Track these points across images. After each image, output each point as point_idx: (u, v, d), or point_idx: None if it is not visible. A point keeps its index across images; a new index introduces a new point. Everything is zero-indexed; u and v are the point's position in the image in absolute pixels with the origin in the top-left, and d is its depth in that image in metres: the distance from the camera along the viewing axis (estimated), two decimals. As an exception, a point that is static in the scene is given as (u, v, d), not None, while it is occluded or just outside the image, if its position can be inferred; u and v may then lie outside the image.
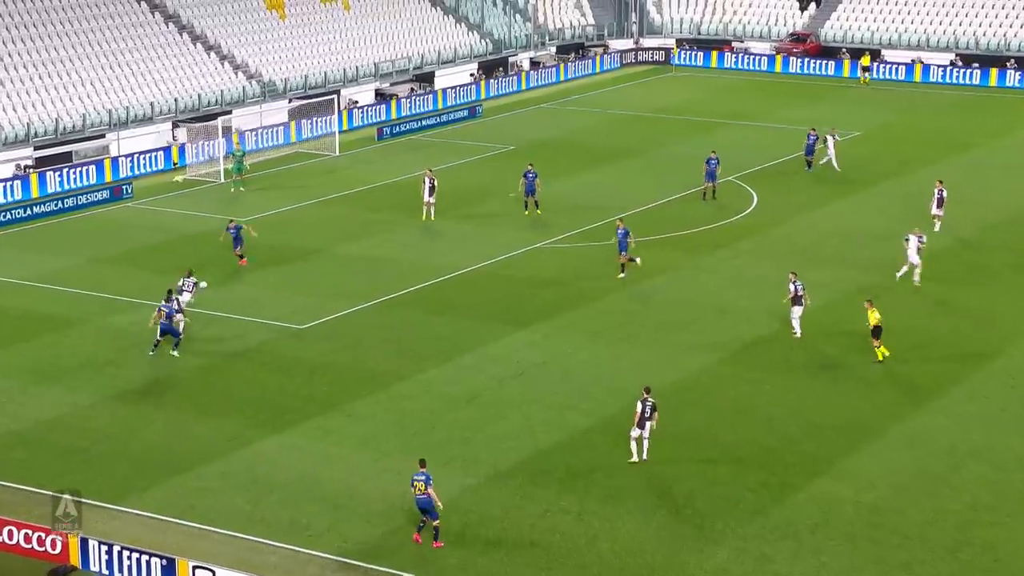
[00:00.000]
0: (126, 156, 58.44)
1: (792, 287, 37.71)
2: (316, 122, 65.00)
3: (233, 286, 43.04)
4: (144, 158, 58.75)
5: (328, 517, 28.11)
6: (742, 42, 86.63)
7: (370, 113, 69.04)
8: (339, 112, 65.58)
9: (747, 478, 29.81)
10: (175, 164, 59.45)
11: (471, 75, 77.95)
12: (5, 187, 53.96)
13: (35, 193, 54.43)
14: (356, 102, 70.53)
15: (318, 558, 26.57)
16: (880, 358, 36.00)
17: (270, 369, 36.11)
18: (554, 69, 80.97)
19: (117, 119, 61.04)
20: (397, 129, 66.58)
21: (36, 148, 57.79)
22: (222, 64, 68.27)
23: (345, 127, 66.12)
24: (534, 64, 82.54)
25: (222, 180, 56.87)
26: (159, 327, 36.63)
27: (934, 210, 48.21)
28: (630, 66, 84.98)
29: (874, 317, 36.11)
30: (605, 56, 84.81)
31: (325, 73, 70.91)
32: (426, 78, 75.76)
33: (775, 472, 30.16)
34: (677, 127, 67.21)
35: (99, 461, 30.79)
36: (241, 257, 44.60)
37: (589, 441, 31.77)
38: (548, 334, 38.70)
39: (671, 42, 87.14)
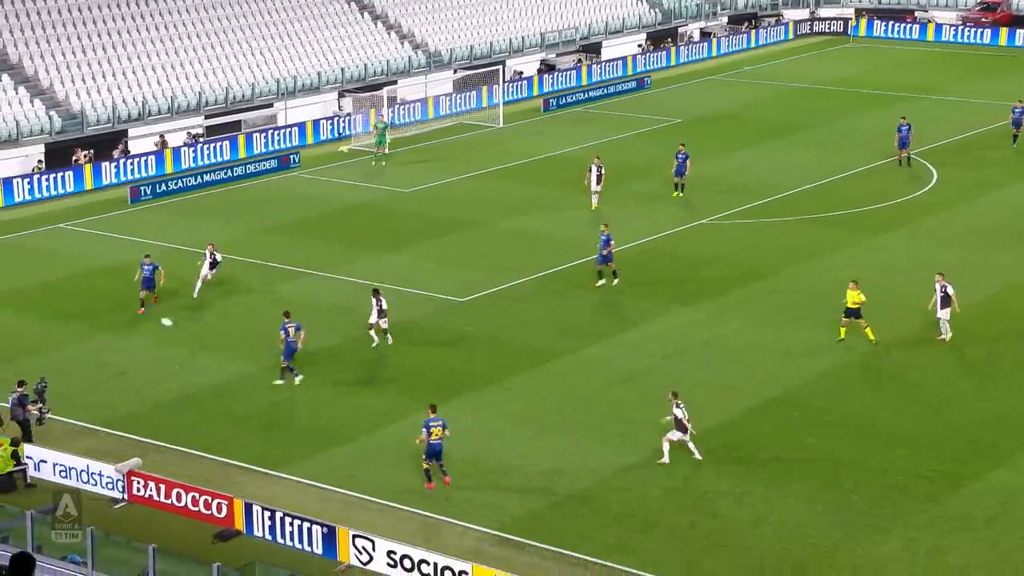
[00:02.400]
0: (293, 126, 59.79)
1: (938, 288, 35.54)
2: (481, 93, 65.49)
3: (392, 257, 43.75)
4: (311, 127, 60.00)
5: (486, 492, 28.50)
6: (926, 11, 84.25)
7: (535, 84, 69.28)
8: (504, 83, 65.98)
9: (920, 465, 29.25)
10: (341, 134, 60.60)
11: (639, 45, 77.53)
12: (175, 154, 55.75)
13: (207, 160, 56.10)
14: (521, 73, 70.82)
15: (475, 531, 26.98)
16: (842, 336, 35.22)
17: (428, 342, 36.65)
18: (726, 39, 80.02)
19: (285, 88, 62.47)
20: (563, 100, 66.67)
21: (207, 117, 59.54)
22: (388, 34, 69.25)
23: (510, 98, 66.55)
24: (704, 34, 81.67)
25: (387, 150, 57.77)
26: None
27: None
28: (805, 36, 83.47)
29: (854, 298, 35.04)
30: (779, 26, 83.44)
31: (490, 43, 71.35)
32: (593, 48, 75.65)
33: (949, 460, 29.53)
34: (853, 101, 65.89)
35: (263, 428, 31.77)
36: (142, 304, 38.25)
37: (751, 423, 31.53)
38: (711, 313, 38.46)
39: (849, 12, 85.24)
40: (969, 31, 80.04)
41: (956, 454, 29.88)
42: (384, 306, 35.68)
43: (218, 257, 39.93)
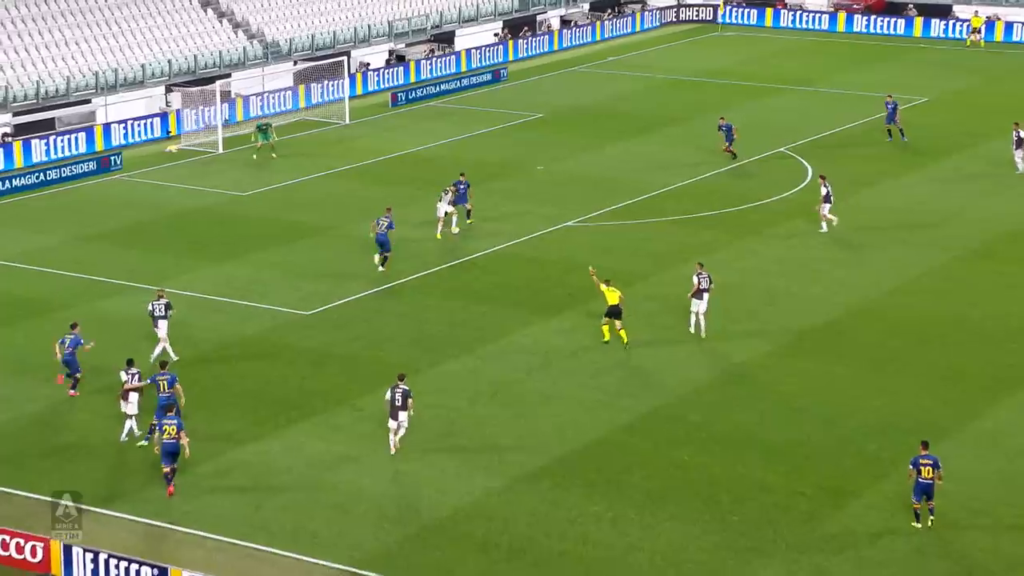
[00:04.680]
0: (114, 123, 58.72)
1: (696, 279, 37.33)
2: (324, 87, 65.17)
3: (232, 268, 43.26)
4: (134, 126, 59.04)
5: (337, 523, 28.32)
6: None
7: (384, 77, 69.16)
8: (349, 76, 65.69)
9: (800, 481, 29.87)
10: (168, 133, 59.73)
11: (495, 35, 77.95)
12: (-18, 158, 54.35)
13: (19, 163, 54.77)
14: (368, 64, 70.65)
15: (325, 568, 26.78)
16: (607, 338, 36.75)
17: (272, 360, 36.33)
18: (588, 28, 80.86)
19: (104, 83, 61.36)
20: (414, 94, 66.68)
21: (15, 114, 58.13)
22: (220, 22, 68.50)
23: (357, 92, 66.23)
24: (565, 22, 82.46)
25: (220, 150, 57.07)
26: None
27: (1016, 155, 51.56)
28: (672, 25, 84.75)
29: (613, 298, 36.46)
30: (644, 14, 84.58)
31: (334, 32, 71.05)
32: (445, 38, 75.83)
33: (831, 475, 30.21)
34: (725, 93, 67.07)
35: (85, 461, 31.06)
36: (71, 378, 34.48)
37: (623, 441, 31.86)
38: (579, 323, 38.79)
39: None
40: (842, 18, 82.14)
41: (839, 468, 30.56)
42: None
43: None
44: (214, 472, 30.43)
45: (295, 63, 68.04)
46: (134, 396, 31.69)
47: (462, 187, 46.71)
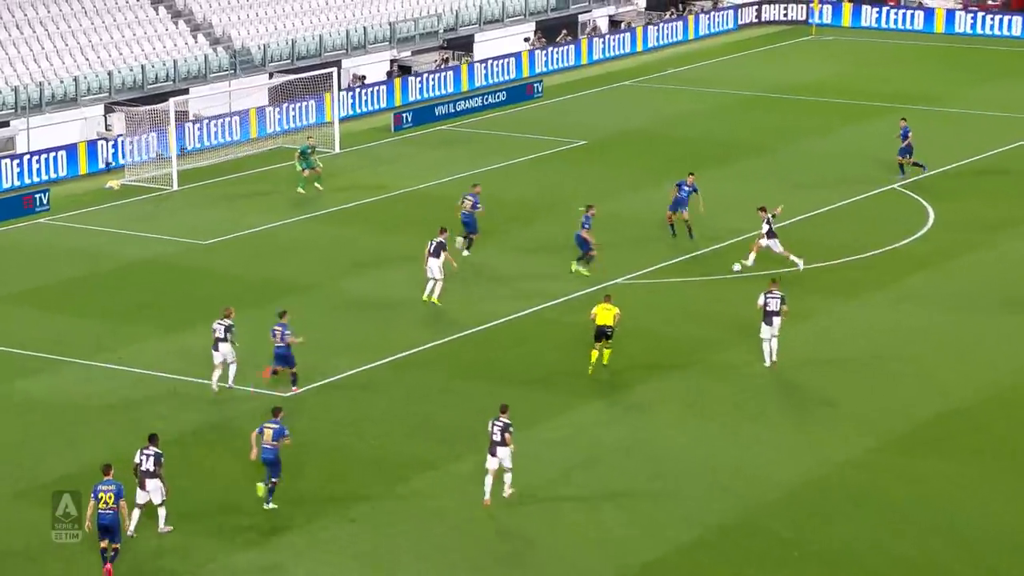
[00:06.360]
0: (39, 153, 59.02)
1: (763, 299, 39.87)
2: (307, 106, 65.39)
3: (188, 337, 43.16)
4: (64, 156, 59.30)
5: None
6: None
7: (384, 94, 69.40)
8: (339, 92, 66.02)
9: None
10: (108, 164, 59.98)
11: (526, 39, 78.28)
12: None
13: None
14: (363, 78, 70.99)
15: None
16: (592, 364, 39.71)
17: (239, 456, 36.14)
18: (642, 31, 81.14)
19: (27, 101, 61.74)
20: (422, 116, 66.84)
21: (-87, 141, 58.65)
22: (175, 24, 68.98)
23: (349, 112, 66.46)
24: (614, 24, 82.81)
25: (175, 187, 57.24)
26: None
27: None
28: (751, 27, 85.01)
29: (607, 317, 39.32)
30: (715, 13, 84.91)
31: (320, 37, 71.46)
32: (462, 44, 76.16)
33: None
34: (818, 113, 67.04)
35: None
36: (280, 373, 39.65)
37: (691, 564, 31.66)
38: (632, 406, 38.70)
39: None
40: (975, 19, 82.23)
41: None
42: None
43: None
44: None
45: (270, 76, 68.40)
46: (152, 482, 31.99)
47: (471, 201, 49.04)
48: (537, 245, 50.72)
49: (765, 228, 47.26)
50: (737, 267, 47.33)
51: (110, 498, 30.20)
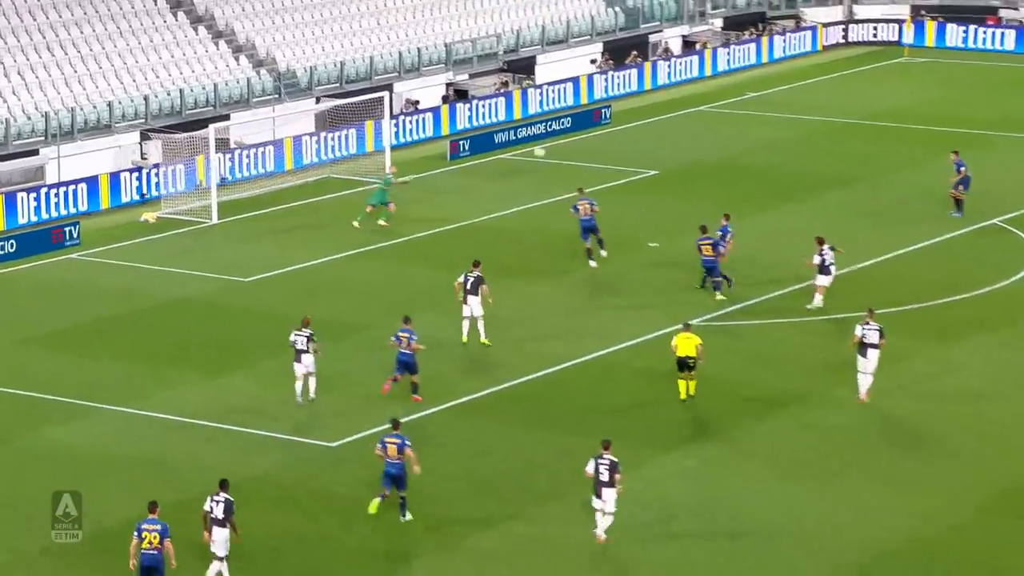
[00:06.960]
0: (69, 183, 59.38)
1: (860, 331, 40.81)
2: (357, 133, 65.60)
3: (228, 382, 43.35)
4: (96, 186, 59.63)
5: None
6: (1016, 9, 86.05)
7: (439, 119, 69.57)
8: (392, 118, 66.23)
9: None
10: (143, 196, 60.29)
11: (592, 61, 78.38)
12: None
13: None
14: (417, 103, 71.20)
15: None
16: (683, 396, 41.23)
17: (286, 510, 36.21)
18: (721, 52, 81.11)
19: (58, 127, 62.15)
20: (480, 144, 67.04)
21: (-63, 170, 59.13)
22: (216, 45, 69.40)
23: (402, 140, 66.64)
24: (688, 44, 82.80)
25: (214, 220, 57.48)
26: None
27: None
28: (839, 47, 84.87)
29: (688, 347, 40.72)
30: (799, 32, 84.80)
31: (371, 59, 71.74)
32: (524, 67, 76.32)
33: None
34: (912, 142, 66.86)
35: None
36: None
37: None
38: (711, 459, 38.57)
39: (903, 10, 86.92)
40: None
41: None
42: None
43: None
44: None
45: (317, 100, 68.69)
46: (220, 532, 31.82)
47: (587, 203, 51.79)
48: (606, 281, 50.76)
49: (817, 260, 47.42)
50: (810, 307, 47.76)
51: (155, 538, 30.58)
